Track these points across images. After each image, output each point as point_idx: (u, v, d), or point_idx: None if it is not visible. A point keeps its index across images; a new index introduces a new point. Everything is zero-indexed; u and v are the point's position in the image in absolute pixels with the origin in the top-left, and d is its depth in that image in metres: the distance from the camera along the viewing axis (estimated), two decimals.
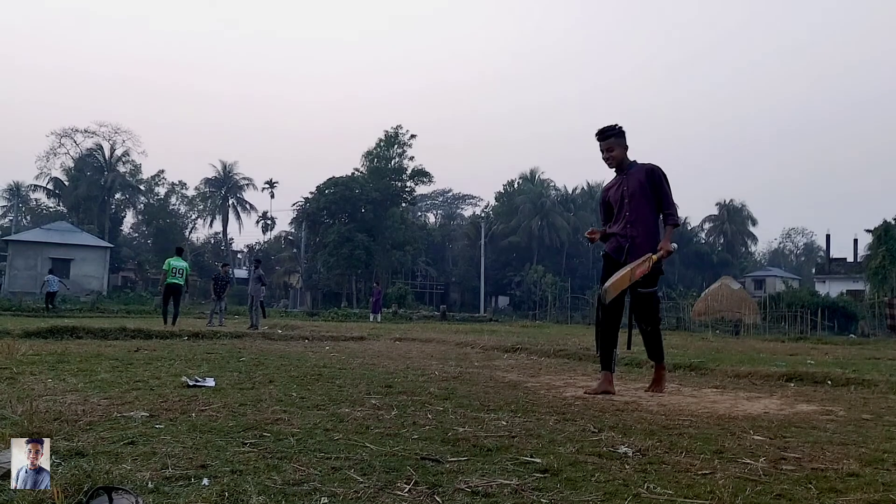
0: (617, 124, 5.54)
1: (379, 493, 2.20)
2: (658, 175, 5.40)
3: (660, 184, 5.38)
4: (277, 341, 11.21)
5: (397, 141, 56.49)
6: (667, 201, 5.38)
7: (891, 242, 35.64)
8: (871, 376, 6.61)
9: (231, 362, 6.85)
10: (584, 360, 8.75)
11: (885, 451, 3.14)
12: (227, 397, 4.28)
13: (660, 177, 5.40)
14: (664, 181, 5.40)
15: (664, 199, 5.38)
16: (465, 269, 65.74)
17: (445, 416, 3.79)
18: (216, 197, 67.10)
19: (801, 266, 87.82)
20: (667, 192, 5.39)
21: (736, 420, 4.07)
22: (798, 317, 27.20)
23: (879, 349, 13.96)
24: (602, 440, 3.24)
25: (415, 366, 7.15)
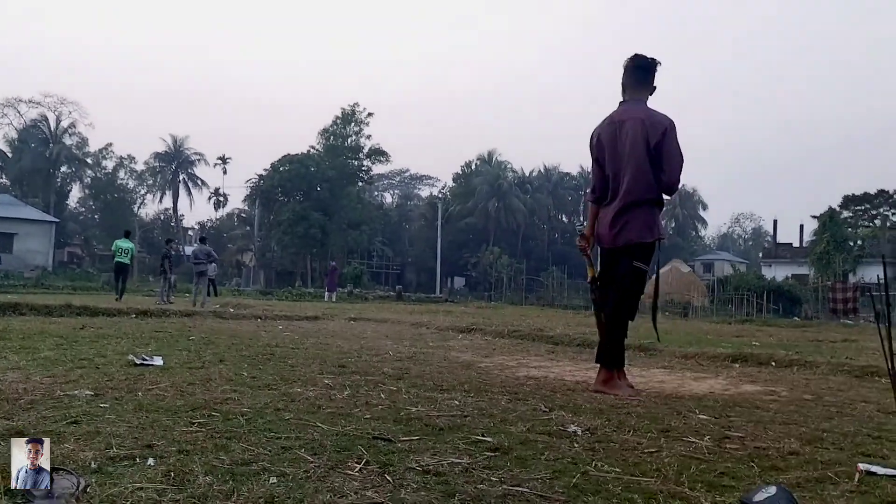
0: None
1: (329, 472, 2.19)
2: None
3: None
4: (229, 320, 11.06)
5: (354, 119, 55.91)
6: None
7: (835, 228, 36.81)
8: (812, 358, 6.84)
9: (180, 341, 6.74)
10: (537, 341, 8.86)
11: (824, 430, 3.25)
12: (176, 376, 4.20)
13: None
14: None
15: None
16: (422, 249, 65.73)
17: (398, 396, 3.79)
18: (166, 172, 65.65)
19: (748, 250, 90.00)
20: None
21: (682, 400, 4.17)
22: (745, 300, 27.95)
23: (822, 332, 14.43)
24: (552, 419, 3.28)
25: (369, 346, 7.13)
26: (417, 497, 1.96)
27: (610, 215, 4.49)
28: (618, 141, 4.42)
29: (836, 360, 6.71)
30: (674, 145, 4.32)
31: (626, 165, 4.38)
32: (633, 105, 4.48)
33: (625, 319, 4.54)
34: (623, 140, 4.39)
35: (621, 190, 4.41)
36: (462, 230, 63.71)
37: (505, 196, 63.07)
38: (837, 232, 36.95)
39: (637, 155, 4.33)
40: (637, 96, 4.50)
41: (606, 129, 4.52)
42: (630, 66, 4.49)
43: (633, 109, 4.44)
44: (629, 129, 4.36)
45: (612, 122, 4.49)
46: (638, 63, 4.48)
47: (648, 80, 4.49)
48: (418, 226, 70.63)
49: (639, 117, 4.36)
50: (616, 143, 4.43)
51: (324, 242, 51.98)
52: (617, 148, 4.43)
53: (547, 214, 69.03)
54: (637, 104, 4.47)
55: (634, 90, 4.50)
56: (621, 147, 4.40)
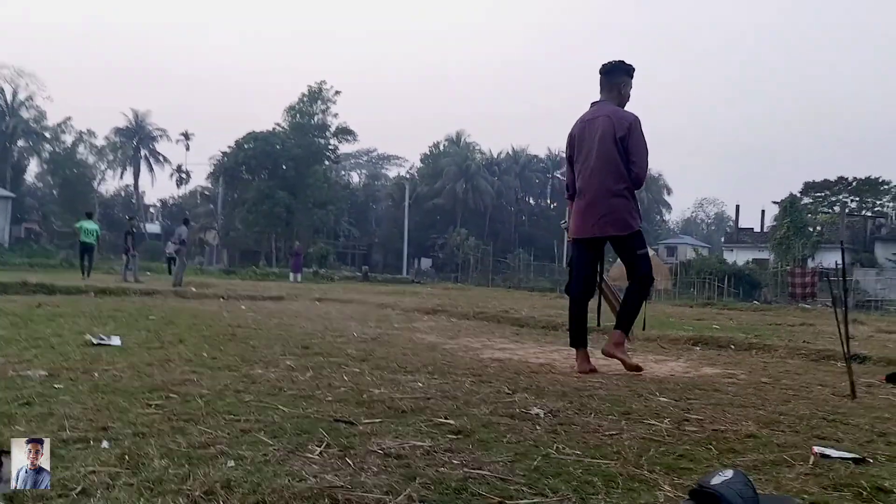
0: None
1: (289, 455, 2.16)
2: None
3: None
4: (190, 300, 10.91)
5: (321, 97, 55.24)
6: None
7: (795, 214, 37.52)
8: (771, 342, 6.97)
9: (139, 321, 6.62)
10: (502, 323, 8.89)
11: (781, 413, 3.31)
12: (134, 357, 4.13)
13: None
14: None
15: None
16: (389, 230, 65.54)
17: (361, 378, 3.77)
18: (127, 147, 64.25)
19: (711, 235, 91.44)
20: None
21: (644, 382, 4.21)
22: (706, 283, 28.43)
23: (780, 315, 14.74)
24: (515, 402, 3.28)
25: (333, 327, 7.09)
26: (378, 480, 1.94)
27: (585, 205, 4.73)
28: (586, 138, 4.71)
29: (794, 343, 6.85)
30: (639, 139, 4.62)
31: (597, 159, 4.64)
32: (601, 105, 4.79)
33: (644, 298, 4.96)
34: (592, 136, 4.67)
35: (596, 181, 4.66)
36: (429, 211, 63.65)
37: (473, 178, 63.06)
38: (797, 218, 37.66)
39: (606, 149, 4.60)
40: (606, 97, 4.82)
41: (578, 127, 4.82)
42: (601, 70, 4.85)
43: (601, 108, 4.76)
44: (598, 126, 4.66)
45: (583, 122, 4.79)
46: (605, 68, 4.83)
47: (616, 82, 4.80)
48: (385, 206, 70.36)
49: (606, 114, 4.67)
50: (585, 140, 4.72)
51: (289, 222, 51.50)
52: (585, 144, 4.72)
53: (514, 197, 69.26)
54: (605, 104, 4.78)
55: (604, 91, 4.83)
56: (590, 143, 4.68)
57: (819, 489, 2.06)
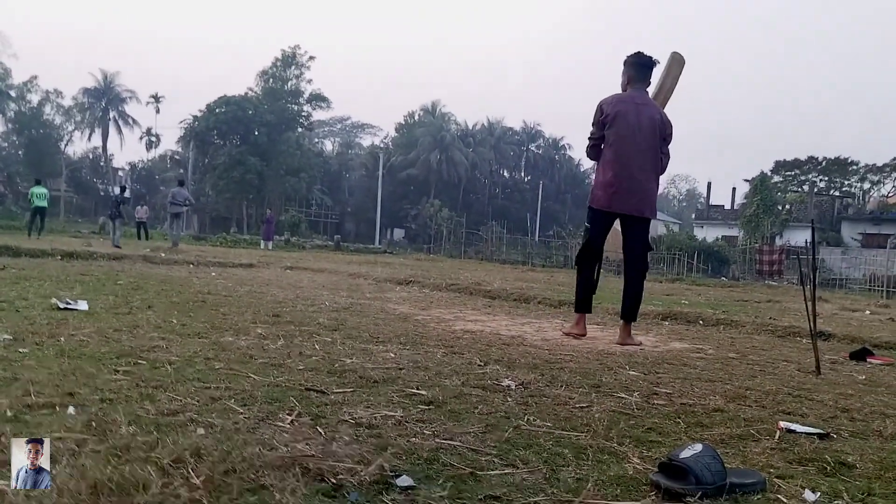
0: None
1: (259, 423, 2.14)
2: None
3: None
4: (160, 265, 10.76)
5: (295, 62, 54.39)
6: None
7: (765, 192, 38.02)
8: (738, 317, 7.08)
9: (107, 285, 6.52)
10: (474, 295, 8.91)
11: (747, 388, 3.36)
12: (101, 322, 4.06)
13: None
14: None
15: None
16: (362, 199, 65.10)
17: (333, 347, 3.75)
18: (95, 109, 62.77)
19: (682, 211, 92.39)
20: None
21: (614, 356, 4.25)
22: (676, 259, 28.76)
23: (748, 292, 14.99)
24: (487, 373, 3.30)
25: (305, 295, 7.04)
26: (349, 450, 1.93)
27: (627, 182, 5.00)
28: (633, 119, 4.97)
29: (761, 320, 6.96)
30: (670, 141, 5.15)
31: (646, 145, 4.99)
32: (643, 95, 5.11)
33: (643, 283, 5.31)
34: (641, 121, 4.97)
35: (642, 164, 5.00)
36: (403, 181, 63.31)
37: (447, 149, 62.76)
38: (767, 196, 38.16)
39: (654, 140, 5.01)
40: (640, 87, 5.12)
41: (622, 105, 5.02)
42: (637, 62, 5.11)
43: (647, 99, 5.11)
44: (649, 115, 5.00)
45: (628, 103, 5.04)
46: (645, 61, 5.11)
47: (649, 76, 5.15)
48: (359, 175, 69.80)
49: (657, 109, 5.09)
50: (630, 120, 4.97)
51: (260, 188, 50.93)
52: (631, 124, 4.97)
53: (489, 169, 69.13)
54: (646, 96, 5.13)
55: (637, 82, 5.11)
56: (637, 126, 4.97)
57: (784, 463, 2.10)
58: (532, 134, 73.00)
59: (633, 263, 5.23)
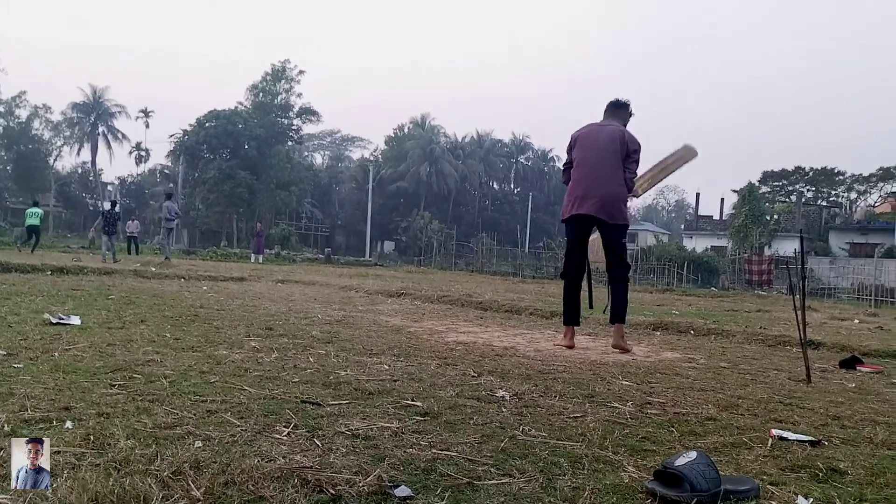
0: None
1: (256, 436, 2.16)
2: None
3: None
4: (150, 279, 10.73)
5: (284, 76, 54.40)
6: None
7: (753, 203, 38.21)
8: (729, 327, 7.13)
9: (99, 300, 6.50)
10: (466, 307, 8.93)
11: (739, 396, 3.39)
12: (94, 336, 4.06)
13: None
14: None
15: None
16: (352, 212, 65.05)
17: (327, 360, 3.76)
18: (84, 123, 62.49)
19: (671, 222, 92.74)
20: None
21: (606, 366, 4.28)
22: (666, 269, 28.86)
23: (737, 302, 15.06)
24: (481, 384, 3.31)
25: (297, 308, 7.04)
26: (346, 461, 1.94)
27: (585, 189, 5.24)
28: (593, 139, 5.33)
29: (751, 329, 7.01)
30: (637, 160, 5.33)
31: (605, 158, 5.24)
32: (609, 122, 5.45)
33: (626, 288, 5.48)
34: (600, 139, 5.29)
35: (600, 174, 5.23)
36: (393, 194, 63.31)
37: (437, 161, 62.86)
38: (755, 206, 38.34)
39: (613, 152, 5.22)
40: (612, 120, 5.47)
41: (585, 130, 5.43)
42: (613, 103, 5.56)
43: (611, 123, 5.43)
44: (609, 133, 5.30)
45: (591, 127, 5.43)
46: (616, 104, 5.56)
47: (622, 115, 5.53)
48: (349, 188, 69.75)
49: (618, 128, 5.35)
50: (590, 140, 5.33)
51: (251, 202, 50.80)
52: (590, 143, 5.33)
53: (478, 181, 69.22)
54: (613, 122, 5.44)
55: (612, 117, 5.51)
56: (597, 143, 5.29)
57: (777, 470, 2.13)
58: (521, 146, 73.23)
59: (612, 271, 5.43)
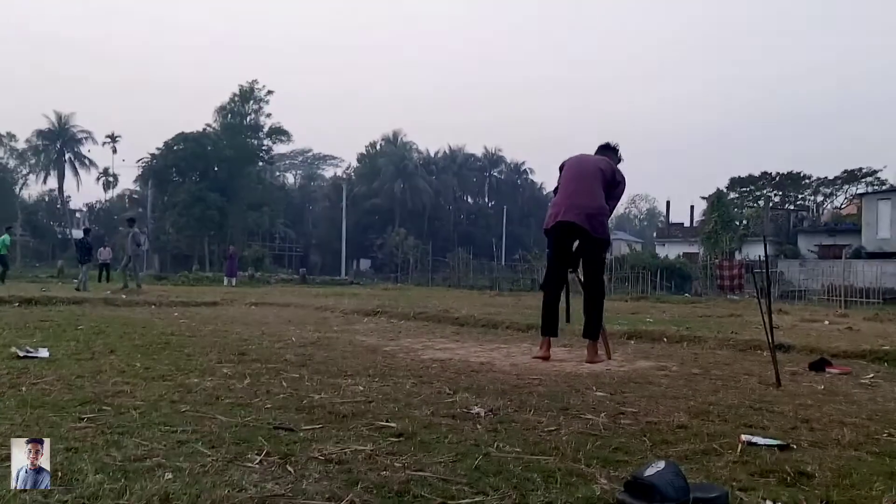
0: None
1: (228, 465, 2.14)
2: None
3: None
4: (121, 307, 10.58)
5: (253, 97, 54.20)
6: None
7: (722, 209, 38.72)
8: (701, 333, 7.22)
9: (68, 331, 6.40)
10: (442, 323, 8.93)
11: (710, 403, 3.44)
12: (63, 369, 3.99)
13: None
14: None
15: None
16: (326, 231, 64.77)
17: (301, 384, 3.74)
18: (50, 151, 61.65)
19: (643, 230, 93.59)
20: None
21: (581, 378, 4.31)
22: (640, 277, 29.12)
23: (710, 307, 15.23)
24: (456, 402, 3.32)
25: (271, 332, 6.99)
26: (319, 487, 1.94)
27: (568, 202, 5.45)
28: (579, 166, 5.62)
29: (723, 334, 7.10)
30: (622, 191, 5.74)
31: (588, 181, 5.49)
32: (598, 156, 5.80)
33: (601, 304, 5.61)
34: (586, 166, 5.59)
35: (583, 193, 5.45)
36: (367, 211, 63.25)
37: (410, 177, 62.97)
38: (724, 212, 38.84)
39: (596, 180, 5.49)
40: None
41: (573, 159, 5.72)
42: (604, 145, 5.93)
43: (600, 156, 5.78)
44: (595, 162, 5.62)
45: (579, 157, 5.75)
46: (604, 145, 5.94)
47: (610, 155, 5.85)
48: (322, 207, 69.52)
49: (605, 159, 5.70)
50: (576, 167, 5.63)
51: (222, 225, 50.38)
52: (576, 168, 5.61)
53: (452, 195, 69.46)
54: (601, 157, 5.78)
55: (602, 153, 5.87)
56: (582, 169, 5.58)
57: (747, 476, 2.16)
58: (494, 159, 73.66)
59: (586, 286, 5.58)
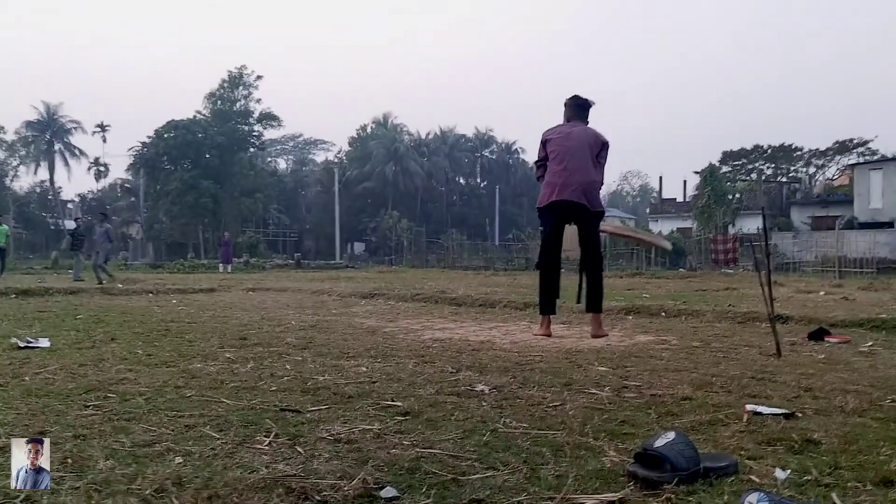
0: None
1: (237, 448, 2.14)
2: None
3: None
4: (118, 296, 10.55)
5: (242, 82, 53.82)
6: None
7: (715, 183, 38.74)
8: (699, 307, 7.24)
9: (67, 320, 6.38)
10: (440, 304, 8.94)
11: (713, 375, 3.46)
12: (65, 358, 3.98)
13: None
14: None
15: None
16: (320, 215, 64.62)
17: (304, 366, 3.74)
18: (40, 142, 61.15)
19: (636, 206, 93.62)
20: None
21: (582, 353, 4.32)
22: (634, 254, 29.20)
23: (705, 281, 15.31)
24: (460, 380, 3.33)
25: (270, 316, 6.99)
26: (330, 466, 1.94)
27: (564, 179, 5.36)
28: (565, 140, 5.48)
29: (720, 308, 7.13)
30: (606, 155, 5.59)
31: (579, 156, 5.41)
32: (577, 123, 5.63)
33: (601, 277, 5.61)
34: (573, 139, 5.47)
35: (577, 170, 5.37)
36: (360, 195, 63.05)
37: (402, 159, 62.74)
38: (717, 186, 38.85)
39: (586, 151, 5.43)
40: (579, 123, 5.63)
41: (556, 132, 5.58)
42: (574, 103, 5.69)
43: (580, 124, 5.62)
44: (580, 134, 5.50)
45: (562, 129, 5.60)
46: (579, 102, 5.70)
47: (585, 115, 5.71)
48: (315, 192, 69.28)
49: (587, 129, 5.57)
50: (563, 141, 5.49)
51: (216, 212, 50.21)
52: (564, 143, 5.47)
53: (445, 177, 69.24)
54: (580, 123, 5.63)
55: (578, 119, 5.66)
56: (569, 143, 5.45)
57: (754, 445, 2.17)
58: (485, 140, 73.41)
59: (585, 260, 5.57)
